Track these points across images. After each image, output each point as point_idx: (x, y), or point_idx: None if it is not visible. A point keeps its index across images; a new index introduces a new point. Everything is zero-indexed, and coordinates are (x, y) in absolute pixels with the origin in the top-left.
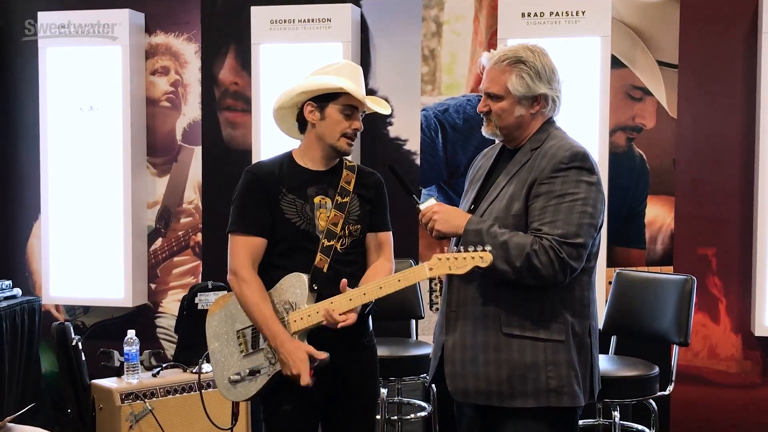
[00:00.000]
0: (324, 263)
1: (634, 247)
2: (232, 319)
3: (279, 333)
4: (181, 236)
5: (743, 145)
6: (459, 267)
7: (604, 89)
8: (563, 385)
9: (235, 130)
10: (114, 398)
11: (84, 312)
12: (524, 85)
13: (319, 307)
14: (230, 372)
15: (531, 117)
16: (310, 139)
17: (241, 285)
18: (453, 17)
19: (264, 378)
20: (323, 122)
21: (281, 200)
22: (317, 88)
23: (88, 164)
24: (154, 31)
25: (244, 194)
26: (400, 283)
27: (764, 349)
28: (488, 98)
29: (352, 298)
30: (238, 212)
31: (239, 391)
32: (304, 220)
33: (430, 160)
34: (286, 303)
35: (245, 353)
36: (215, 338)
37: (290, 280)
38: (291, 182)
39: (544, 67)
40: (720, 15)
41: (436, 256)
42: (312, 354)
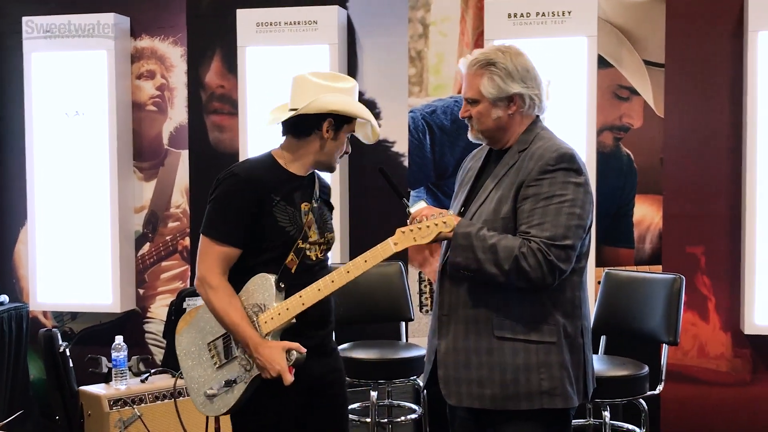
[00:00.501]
0: (293, 264)
1: (622, 247)
2: (201, 332)
3: (252, 337)
4: (168, 241)
5: (730, 144)
6: (423, 236)
7: (591, 89)
8: (556, 387)
9: (222, 133)
10: (102, 404)
11: (72, 318)
12: (495, 87)
13: (288, 303)
14: (206, 387)
15: (509, 118)
16: (310, 148)
17: (208, 292)
18: (439, 18)
19: (242, 386)
20: (333, 142)
21: (274, 207)
22: (354, 112)
23: (75, 169)
24: (139, 35)
25: (228, 200)
26: (367, 263)
27: (754, 346)
28: (467, 103)
29: (321, 288)
30: (219, 218)
31: (217, 405)
32: (296, 227)
33: (418, 162)
34: (255, 306)
35: (218, 364)
36: (187, 357)
37: (256, 281)
38: (282, 189)
39: (515, 67)
40: (706, 14)
41: (400, 229)
42: (289, 348)
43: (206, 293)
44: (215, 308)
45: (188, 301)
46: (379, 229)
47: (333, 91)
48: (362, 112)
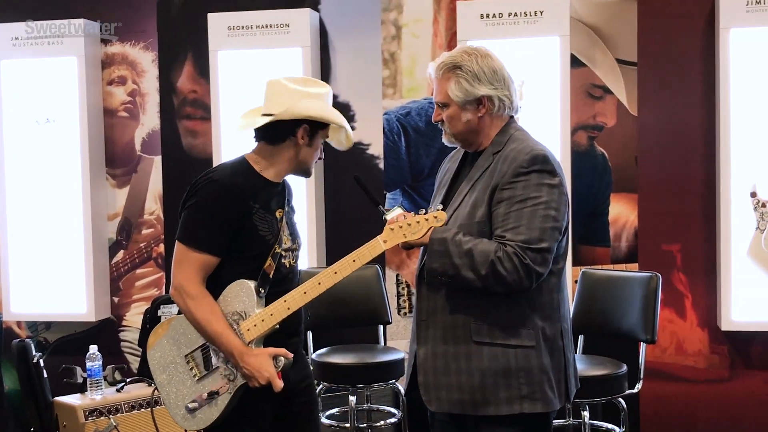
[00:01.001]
0: (271, 269)
1: (598, 245)
2: (177, 345)
3: (236, 346)
4: (143, 248)
5: (704, 141)
6: (414, 232)
7: (564, 89)
8: (535, 391)
9: (195, 138)
10: (78, 415)
11: (46, 328)
12: (462, 90)
13: (272, 308)
14: (186, 400)
15: (480, 120)
16: (284, 156)
17: (187, 301)
18: (412, 20)
19: (226, 397)
20: (309, 148)
21: (254, 216)
22: (331, 119)
23: (46, 177)
24: (110, 41)
25: (209, 207)
26: (356, 263)
27: (731, 343)
28: (439, 107)
29: (307, 291)
30: (198, 226)
31: (200, 419)
32: (274, 235)
33: (393, 164)
34: (235, 313)
35: (198, 377)
36: (161, 370)
37: (234, 288)
38: (260, 196)
39: (482, 69)
40: (677, 12)
41: (389, 226)
42: (275, 354)
43: (185, 303)
44: (196, 318)
45: (163, 309)
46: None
47: (308, 96)
48: (338, 118)
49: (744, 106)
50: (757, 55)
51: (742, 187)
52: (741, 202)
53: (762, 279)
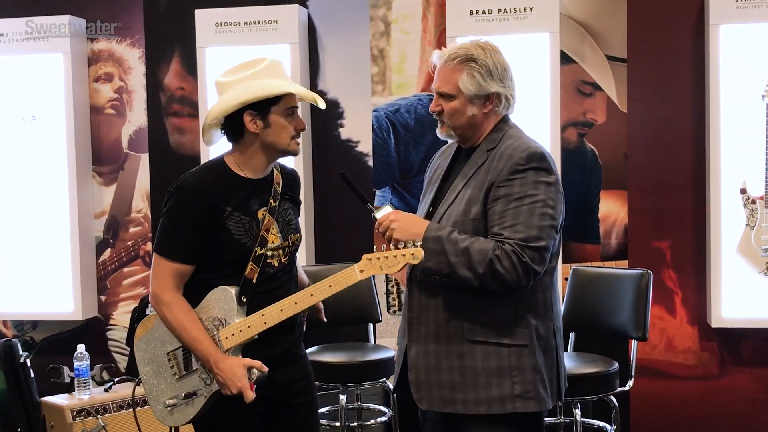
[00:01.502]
0: (254, 273)
1: (588, 243)
2: (161, 341)
3: (211, 353)
4: (130, 246)
5: (694, 138)
6: (390, 266)
7: (554, 85)
8: (528, 390)
9: (182, 135)
10: (65, 415)
11: (33, 327)
12: (475, 84)
13: (249, 320)
14: (165, 397)
15: (484, 116)
16: (253, 148)
17: (163, 309)
18: (401, 16)
19: (201, 400)
20: (269, 130)
21: (227, 220)
22: (260, 95)
23: (33, 175)
24: (96, 37)
25: (176, 216)
26: (332, 288)
27: (721, 339)
28: (440, 98)
29: (284, 309)
30: (168, 235)
31: (177, 417)
32: (252, 237)
33: (382, 161)
34: (215, 319)
35: (178, 375)
36: (145, 362)
37: (216, 294)
38: (234, 198)
39: (495, 65)
40: (667, 8)
41: (366, 256)
42: (250, 366)
43: (161, 310)
44: (172, 325)
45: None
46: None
47: (238, 83)
48: (266, 89)
49: (734, 102)
50: (746, 51)
51: (732, 183)
52: (731, 199)
53: (752, 276)
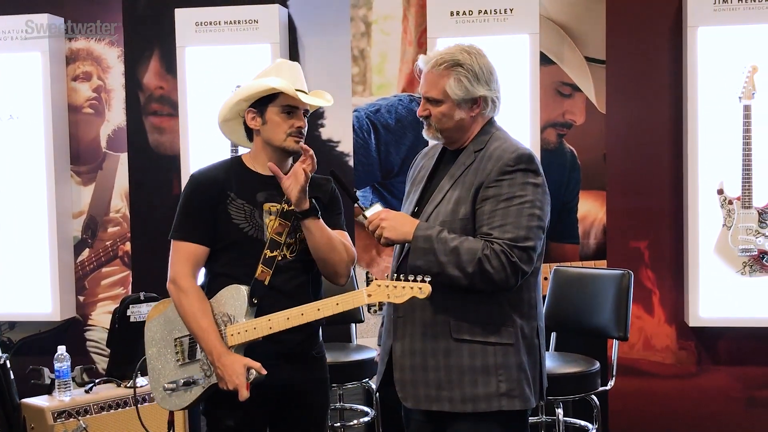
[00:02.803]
0: (266, 275)
1: (567, 242)
2: (171, 326)
3: (215, 346)
4: (108, 246)
5: (671, 139)
6: (397, 296)
7: (533, 86)
8: (514, 389)
9: (161, 135)
10: (46, 417)
11: (10, 328)
12: (462, 89)
13: (256, 323)
14: (165, 380)
15: (471, 119)
16: (258, 145)
17: (179, 295)
18: (381, 17)
19: (199, 389)
20: (266, 126)
21: (229, 205)
22: (252, 92)
23: (10, 174)
24: (74, 36)
25: (186, 200)
26: (339, 306)
27: (699, 338)
28: (427, 102)
29: (290, 317)
30: (180, 218)
31: (174, 401)
32: (253, 225)
33: (363, 162)
34: (225, 315)
35: (181, 362)
36: (152, 344)
37: (230, 291)
38: (239, 186)
39: (481, 69)
40: (645, 10)
41: (376, 282)
42: (250, 366)
43: (177, 296)
44: (185, 312)
45: (132, 308)
46: None
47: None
48: (257, 87)
49: (711, 104)
50: (723, 53)
51: (709, 184)
52: (708, 200)
53: (729, 275)
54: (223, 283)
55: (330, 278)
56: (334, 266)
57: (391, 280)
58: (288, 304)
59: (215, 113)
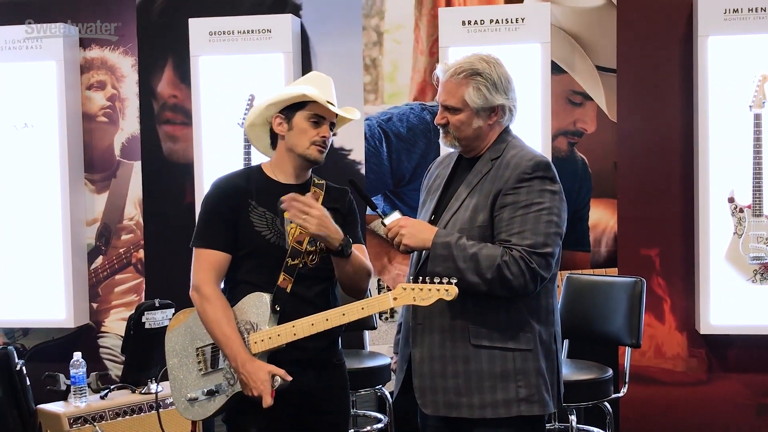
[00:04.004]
0: (287, 283)
1: (578, 250)
2: (192, 335)
3: (240, 353)
4: (122, 253)
5: (682, 147)
6: (423, 299)
7: (545, 95)
8: (533, 394)
9: (175, 143)
10: (62, 423)
11: (23, 334)
12: (481, 97)
13: (280, 329)
14: (188, 390)
15: (489, 128)
16: (281, 151)
17: (203, 302)
18: (393, 26)
19: (222, 398)
20: (291, 132)
21: (250, 212)
22: (282, 98)
23: (24, 182)
24: (89, 45)
25: (208, 207)
26: (364, 311)
27: (709, 346)
28: (445, 110)
29: (315, 323)
30: (202, 226)
31: (197, 410)
32: (275, 233)
33: (375, 170)
34: (248, 323)
35: (204, 372)
36: (174, 354)
37: (252, 299)
38: (261, 195)
39: (500, 78)
40: (656, 19)
41: (401, 285)
42: (274, 373)
43: (201, 303)
44: (208, 319)
45: (147, 315)
46: None
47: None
48: (288, 93)
49: (722, 112)
50: (734, 62)
51: (720, 192)
52: (719, 208)
53: (739, 283)
54: (244, 290)
55: (350, 295)
56: (357, 288)
57: (416, 283)
58: (309, 311)
59: (228, 122)
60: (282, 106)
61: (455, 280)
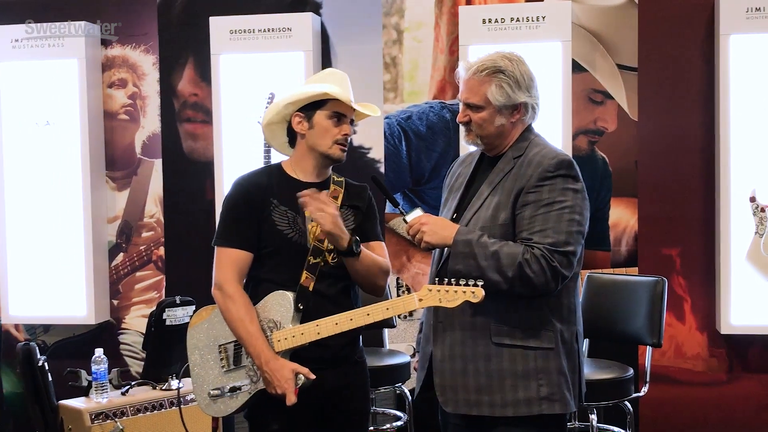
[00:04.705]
0: (310, 281)
1: (599, 250)
2: (215, 332)
3: (263, 351)
4: (143, 251)
5: (703, 146)
6: (449, 300)
7: (566, 93)
8: (554, 393)
9: (195, 141)
10: (84, 418)
11: (44, 331)
12: (504, 95)
13: (304, 328)
14: (210, 387)
15: (511, 126)
16: (301, 150)
17: (226, 300)
18: (413, 24)
19: (245, 396)
20: (312, 131)
21: (272, 211)
22: (302, 97)
23: (46, 180)
24: (110, 44)
25: (230, 206)
26: (388, 311)
27: (730, 346)
28: (468, 108)
29: (339, 323)
30: (224, 224)
31: (219, 407)
32: (297, 231)
33: (394, 168)
34: (271, 321)
35: (226, 369)
36: (196, 350)
37: (275, 297)
38: (282, 193)
39: (522, 76)
40: (678, 18)
41: (427, 287)
42: (298, 371)
43: (224, 301)
44: (231, 317)
45: (168, 312)
46: None
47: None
48: (307, 91)
49: (743, 111)
50: (756, 61)
51: (742, 191)
52: (740, 207)
53: (760, 283)
54: (267, 289)
55: (368, 293)
56: (373, 285)
57: (441, 285)
58: (331, 308)
59: (249, 120)
60: (301, 104)
61: (481, 282)
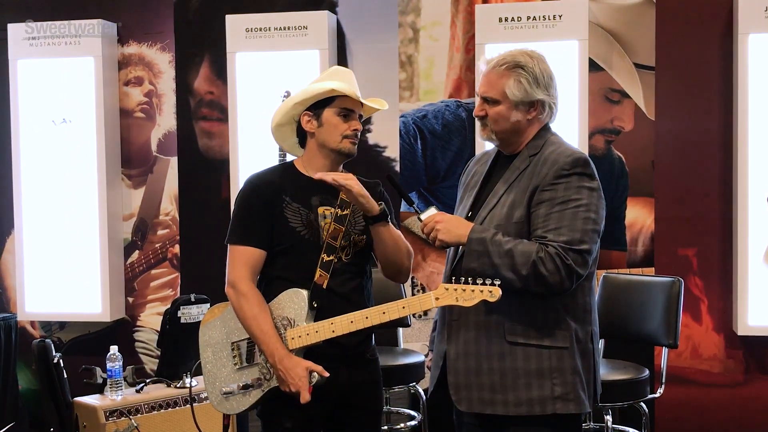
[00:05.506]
0: (323, 279)
1: (615, 249)
2: (228, 329)
3: (277, 349)
4: (158, 248)
5: (721, 145)
6: (466, 299)
7: (582, 92)
8: (569, 392)
9: (211, 139)
10: (98, 416)
11: (60, 328)
12: (522, 90)
13: (318, 326)
14: (222, 384)
15: (528, 123)
16: (312, 148)
17: (239, 298)
18: (430, 23)
19: (258, 393)
20: (322, 129)
21: (285, 209)
22: (309, 95)
23: (62, 177)
24: (126, 41)
25: (242, 204)
26: (405, 310)
27: (746, 347)
28: (485, 102)
29: (354, 321)
30: (237, 222)
31: (231, 405)
32: (310, 229)
33: (409, 167)
34: (285, 319)
35: (239, 366)
36: (208, 347)
37: (289, 295)
38: (294, 191)
39: (542, 73)
40: (695, 17)
41: (443, 285)
42: (312, 369)
43: (237, 300)
44: (245, 315)
45: (183, 309)
46: None
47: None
48: (314, 90)
49: (762, 111)
50: None
51: (759, 192)
52: (757, 208)
53: None
54: (280, 286)
55: (392, 277)
56: (399, 265)
57: (459, 284)
58: (345, 306)
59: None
60: (309, 103)
61: (498, 282)
